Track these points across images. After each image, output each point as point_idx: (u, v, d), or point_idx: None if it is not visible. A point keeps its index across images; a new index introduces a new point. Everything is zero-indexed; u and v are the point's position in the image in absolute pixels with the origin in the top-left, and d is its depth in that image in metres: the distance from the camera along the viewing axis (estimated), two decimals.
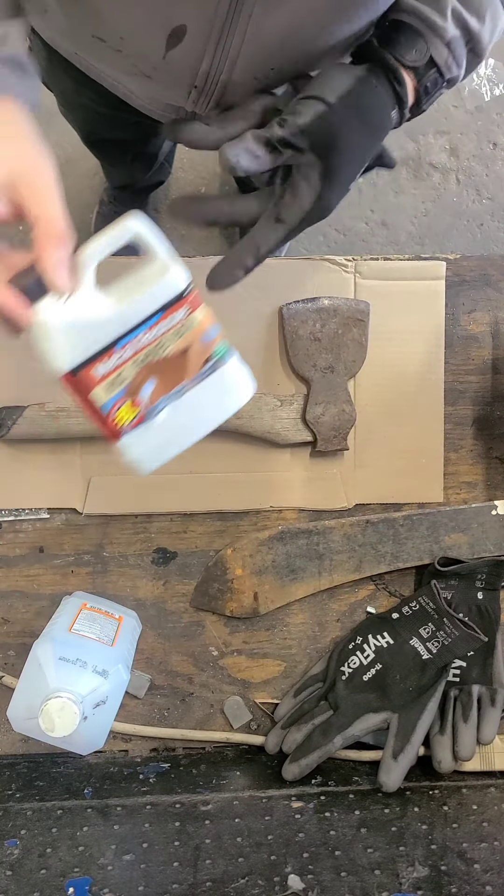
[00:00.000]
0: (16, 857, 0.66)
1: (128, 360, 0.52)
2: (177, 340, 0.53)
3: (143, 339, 0.52)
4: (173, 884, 0.63)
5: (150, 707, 0.81)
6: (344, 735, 0.75)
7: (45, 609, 0.80)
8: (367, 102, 0.54)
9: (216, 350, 0.54)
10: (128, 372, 0.52)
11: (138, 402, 0.53)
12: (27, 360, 0.79)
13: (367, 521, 0.81)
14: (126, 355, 0.52)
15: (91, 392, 0.52)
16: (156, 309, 0.51)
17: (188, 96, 0.62)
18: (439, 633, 0.76)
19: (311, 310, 0.79)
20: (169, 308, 0.51)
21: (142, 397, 0.53)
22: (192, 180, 1.56)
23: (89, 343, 0.50)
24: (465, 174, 1.62)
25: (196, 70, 0.57)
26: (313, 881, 0.64)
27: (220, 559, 0.81)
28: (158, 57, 0.56)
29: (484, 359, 0.84)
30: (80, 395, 0.52)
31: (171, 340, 0.52)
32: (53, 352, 0.50)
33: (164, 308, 0.51)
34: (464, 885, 0.63)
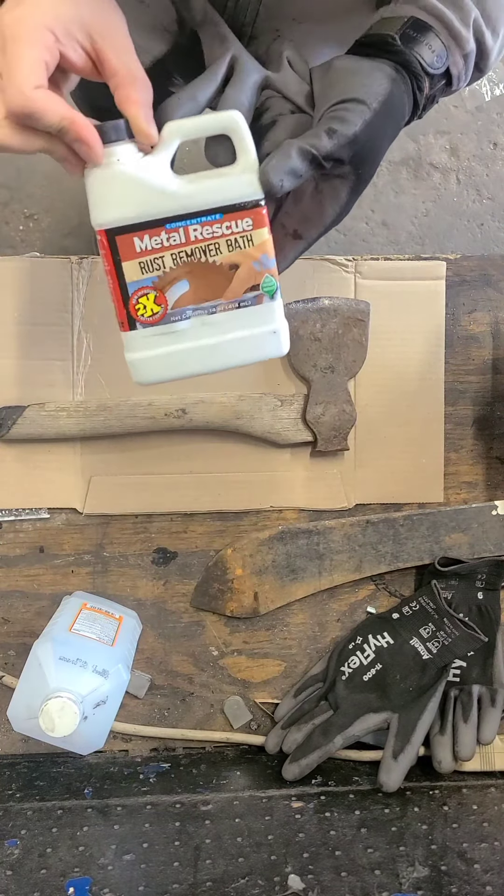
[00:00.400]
0: (16, 857, 0.66)
1: (173, 248, 0.48)
2: (229, 252, 0.48)
3: (196, 233, 0.48)
4: (173, 884, 0.63)
5: (151, 707, 0.81)
6: (344, 735, 0.75)
7: (46, 609, 0.80)
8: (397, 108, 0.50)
9: (265, 281, 0.49)
10: (168, 261, 0.48)
11: (164, 300, 0.49)
12: (27, 360, 0.79)
13: (368, 521, 0.80)
14: (173, 241, 0.48)
15: (124, 262, 0.48)
16: (221, 205, 0.47)
17: None
18: (439, 633, 0.76)
19: (311, 310, 0.79)
20: (234, 211, 0.47)
21: (170, 296, 0.49)
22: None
23: (144, 208, 0.47)
24: (466, 174, 1.62)
25: None
26: (313, 881, 0.64)
27: (221, 559, 0.80)
28: None
29: (484, 359, 0.84)
30: (111, 260, 0.48)
31: (223, 248, 0.48)
32: (106, 200, 0.47)
33: (230, 209, 0.47)
34: (464, 886, 0.63)
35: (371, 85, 0.48)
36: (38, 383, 0.79)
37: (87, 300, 0.79)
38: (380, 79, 0.48)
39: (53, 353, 0.79)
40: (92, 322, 0.79)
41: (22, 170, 1.50)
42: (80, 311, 0.79)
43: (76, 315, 0.79)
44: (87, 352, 0.79)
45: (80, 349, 0.79)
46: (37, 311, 0.78)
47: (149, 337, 0.50)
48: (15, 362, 0.79)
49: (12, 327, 0.78)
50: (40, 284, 0.78)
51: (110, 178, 0.46)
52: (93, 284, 0.78)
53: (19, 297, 0.78)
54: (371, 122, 0.47)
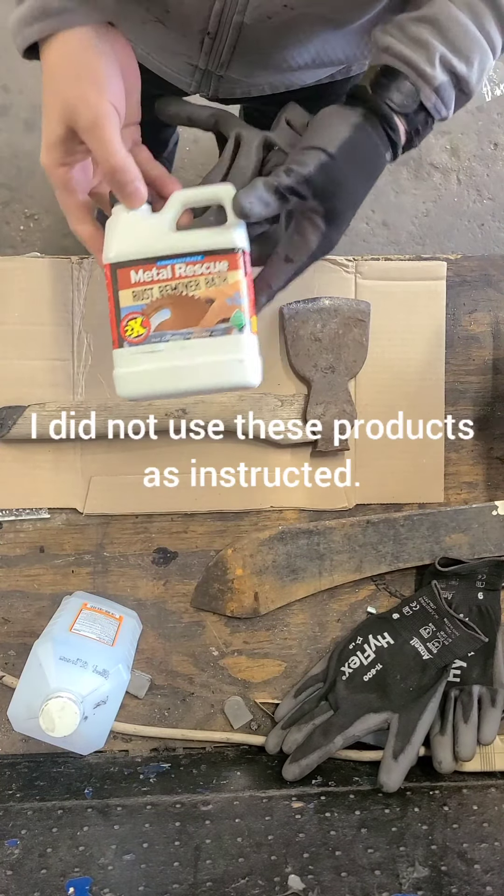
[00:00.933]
0: (16, 857, 0.66)
1: (161, 281, 0.57)
2: (206, 288, 0.56)
3: (181, 270, 0.56)
4: (173, 884, 0.63)
5: (151, 707, 0.81)
6: (344, 735, 0.75)
7: (46, 609, 0.80)
8: (363, 150, 0.57)
9: (235, 315, 0.56)
10: (155, 292, 0.57)
11: (148, 324, 0.57)
12: (28, 360, 0.79)
13: (368, 521, 0.80)
14: (162, 276, 0.57)
15: (120, 290, 0.57)
16: (203, 250, 0.56)
17: (201, 46, 0.64)
18: (440, 634, 0.76)
19: (311, 310, 0.79)
20: (214, 255, 0.56)
21: (153, 321, 0.57)
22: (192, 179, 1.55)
23: (139, 248, 0.57)
24: (466, 174, 1.62)
25: (209, 11, 0.59)
26: (313, 881, 0.64)
27: (221, 559, 0.81)
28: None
29: (484, 359, 0.84)
30: (111, 289, 0.57)
31: (202, 285, 0.56)
32: (116, 241, 0.57)
33: (210, 253, 0.56)
34: (464, 886, 0.63)
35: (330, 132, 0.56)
36: (39, 383, 0.79)
37: (88, 300, 0.79)
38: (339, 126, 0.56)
39: (54, 353, 0.79)
40: (92, 322, 0.79)
41: (22, 170, 1.50)
42: (80, 311, 0.79)
43: (76, 315, 0.79)
44: (87, 352, 0.79)
45: (80, 349, 0.79)
46: (37, 311, 0.79)
47: (133, 354, 0.57)
48: (15, 362, 0.79)
49: (13, 327, 0.78)
50: (41, 284, 0.78)
51: (124, 225, 0.57)
52: (93, 285, 0.79)
53: (20, 296, 0.78)
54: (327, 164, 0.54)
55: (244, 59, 0.66)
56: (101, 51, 0.54)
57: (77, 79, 0.53)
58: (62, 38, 0.54)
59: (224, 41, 0.63)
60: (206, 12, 0.60)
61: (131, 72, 0.57)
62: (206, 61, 0.67)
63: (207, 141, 1.54)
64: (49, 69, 0.55)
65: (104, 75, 0.53)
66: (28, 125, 1.50)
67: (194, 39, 0.64)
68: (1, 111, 1.50)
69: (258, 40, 0.63)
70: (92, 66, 0.53)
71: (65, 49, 0.54)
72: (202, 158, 1.55)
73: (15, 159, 1.49)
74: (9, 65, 1.49)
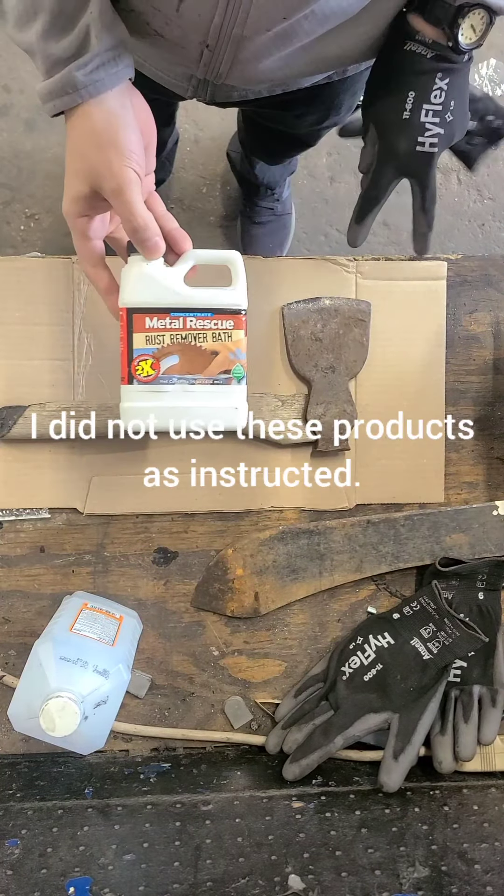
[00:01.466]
0: (16, 857, 0.66)
1: (172, 330, 0.64)
2: (213, 341, 0.65)
3: (191, 323, 0.64)
4: (174, 883, 0.63)
5: (151, 707, 0.81)
6: (345, 735, 0.75)
7: (46, 609, 0.80)
8: None
9: (235, 369, 0.65)
10: (167, 339, 0.64)
11: (158, 367, 0.64)
12: (28, 360, 0.79)
13: (368, 521, 0.80)
14: (174, 325, 0.64)
15: (135, 333, 0.64)
16: (213, 307, 0.64)
17: (200, 58, 0.65)
18: (440, 634, 0.76)
19: (312, 310, 0.79)
20: (221, 314, 0.64)
21: (163, 364, 0.65)
22: (193, 180, 1.56)
23: (155, 298, 0.64)
24: (467, 174, 1.62)
25: (208, 24, 0.60)
26: (314, 881, 0.64)
27: (221, 559, 0.81)
28: (172, 9, 0.59)
29: (485, 359, 0.84)
30: (126, 330, 0.64)
31: (209, 338, 0.64)
32: (133, 288, 0.63)
33: (219, 311, 0.64)
34: (464, 886, 0.63)
35: None
36: (39, 383, 0.79)
37: (88, 300, 0.79)
38: None
39: (54, 353, 0.79)
40: (93, 322, 0.79)
41: (23, 170, 1.50)
42: (80, 311, 0.79)
43: (77, 315, 0.79)
44: (87, 352, 0.79)
45: (80, 349, 0.79)
46: (38, 310, 0.79)
47: (141, 392, 0.65)
48: (16, 362, 0.79)
49: (13, 327, 0.78)
50: (41, 284, 0.78)
51: (141, 274, 0.63)
52: None
53: (20, 296, 0.78)
54: None
55: (242, 69, 0.66)
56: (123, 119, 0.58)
57: (101, 148, 0.57)
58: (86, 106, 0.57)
59: (223, 53, 0.63)
60: (206, 26, 0.60)
61: (148, 129, 0.62)
62: (204, 72, 0.67)
63: (208, 141, 1.54)
64: (75, 134, 0.59)
65: (126, 143, 0.57)
66: (29, 125, 1.50)
67: (193, 52, 0.64)
68: (1, 111, 1.50)
69: (257, 52, 0.63)
70: (116, 136, 0.57)
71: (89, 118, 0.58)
72: (202, 158, 1.55)
73: (15, 159, 1.49)
74: (10, 65, 1.49)
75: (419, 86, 0.68)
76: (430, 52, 0.65)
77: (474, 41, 0.64)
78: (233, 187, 1.54)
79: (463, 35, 0.63)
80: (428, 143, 0.70)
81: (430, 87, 0.67)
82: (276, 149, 1.24)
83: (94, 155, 0.57)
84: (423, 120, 0.69)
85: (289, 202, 1.49)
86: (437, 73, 0.67)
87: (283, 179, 1.41)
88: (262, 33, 0.60)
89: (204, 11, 0.58)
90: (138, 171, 0.58)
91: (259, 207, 1.44)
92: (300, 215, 1.54)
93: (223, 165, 1.53)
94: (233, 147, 1.42)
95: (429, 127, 0.69)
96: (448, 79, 0.67)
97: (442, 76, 0.67)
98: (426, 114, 0.69)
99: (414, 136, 0.70)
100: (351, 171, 1.57)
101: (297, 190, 1.55)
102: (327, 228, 1.56)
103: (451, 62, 0.66)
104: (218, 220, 1.56)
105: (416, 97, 0.68)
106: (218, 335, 0.64)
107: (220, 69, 0.66)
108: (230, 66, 0.65)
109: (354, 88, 0.85)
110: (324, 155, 1.57)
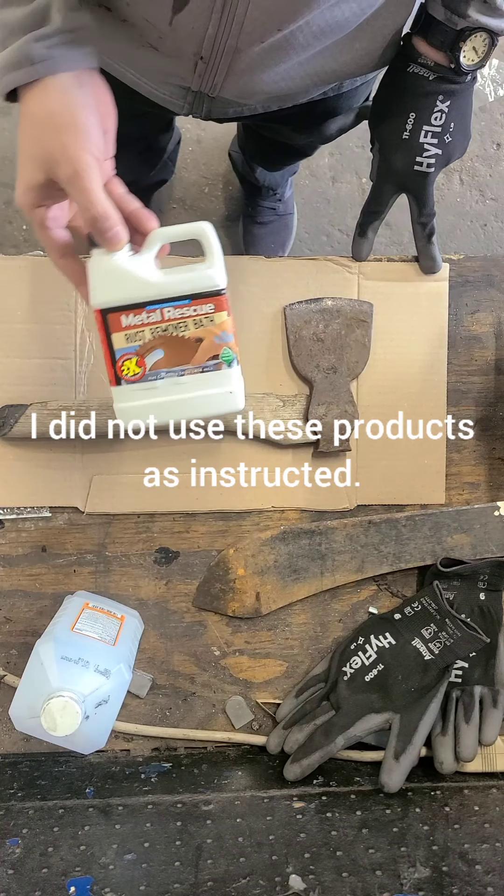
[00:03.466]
0: (17, 856, 0.66)
1: (151, 324, 0.60)
2: (195, 328, 0.61)
3: (170, 314, 0.60)
4: (175, 883, 0.63)
5: (152, 707, 0.81)
6: (346, 735, 0.75)
7: (48, 608, 0.80)
8: None
9: (224, 352, 0.62)
10: (147, 334, 0.60)
11: (143, 364, 0.61)
12: (30, 359, 0.79)
13: (370, 521, 0.80)
14: (152, 319, 0.60)
15: (113, 333, 0.60)
16: (189, 293, 0.60)
17: (194, 69, 0.64)
18: (441, 634, 0.75)
19: (314, 310, 0.79)
20: (200, 298, 0.60)
21: (148, 360, 0.61)
22: (195, 180, 1.56)
23: (130, 294, 0.59)
24: (469, 175, 1.62)
25: (202, 36, 0.59)
26: (314, 881, 0.64)
27: (223, 559, 0.81)
28: (165, 23, 0.58)
29: (487, 359, 0.84)
30: (104, 332, 0.61)
31: (190, 326, 0.60)
32: (103, 286, 0.59)
33: (197, 296, 0.60)
34: (465, 887, 0.63)
35: None
36: (41, 382, 0.79)
37: None
38: None
39: (56, 352, 0.79)
40: (94, 321, 0.79)
41: None
42: (82, 310, 0.79)
43: (79, 314, 0.79)
44: (89, 351, 0.79)
45: (82, 348, 0.79)
46: (39, 310, 0.79)
47: (131, 391, 0.62)
48: (17, 361, 0.79)
49: (15, 326, 0.79)
50: (43, 283, 0.78)
51: (107, 269, 0.58)
52: None
53: (22, 296, 0.78)
54: None
55: (238, 81, 0.66)
56: (82, 100, 0.54)
57: (57, 130, 0.53)
58: (42, 85, 0.54)
59: (217, 65, 0.63)
60: (200, 37, 0.59)
61: (109, 113, 0.57)
62: (199, 83, 0.67)
63: (210, 141, 1.54)
64: (29, 116, 0.55)
65: (84, 126, 0.53)
66: None
67: (188, 63, 0.64)
68: (3, 111, 1.50)
69: (251, 63, 0.63)
70: (73, 118, 0.53)
71: (45, 98, 0.54)
72: (205, 158, 1.55)
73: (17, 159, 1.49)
74: None
75: (420, 108, 0.69)
76: (433, 74, 0.67)
77: (476, 62, 0.66)
78: (235, 187, 1.54)
79: (465, 57, 0.65)
80: (426, 163, 0.72)
81: (430, 109, 0.69)
82: (274, 157, 1.25)
83: (49, 138, 0.53)
84: (421, 140, 0.71)
85: (291, 202, 1.49)
86: (438, 96, 0.68)
87: (285, 180, 1.41)
88: (257, 45, 0.60)
89: (197, 24, 0.58)
90: (97, 154, 0.54)
91: (261, 207, 1.44)
92: (302, 215, 1.54)
93: (225, 165, 1.53)
94: (234, 147, 1.42)
95: (427, 148, 0.71)
96: (449, 101, 0.69)
97: (443, 99, 0.69)
98: (425, 135, 0.71)
99: (412, 156, 0.72)
100: (353, 171, 1.57)
101: (299, 190, 1.55)
102: (329, 228, 1.56)
103: (454, 83, 0.67)
104: (220, 220, 1.56)
105: (416, 118, 0.70)
106: (199, 321, 0.60)
107: (214, 81, 0.66)
108: (224, 77, 0.65)
109: (350, 104, 0.86)
110: (326, 155, 1.57)
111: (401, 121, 0.70)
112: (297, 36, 0.59)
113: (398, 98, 0.70)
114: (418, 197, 0.75)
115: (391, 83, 0.71)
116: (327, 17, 0.58)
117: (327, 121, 0.90)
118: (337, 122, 0.91)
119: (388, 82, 0.71)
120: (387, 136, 0.72)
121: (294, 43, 0.60)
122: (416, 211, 0.77)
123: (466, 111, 0.71)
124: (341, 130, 0.94)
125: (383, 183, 0.75)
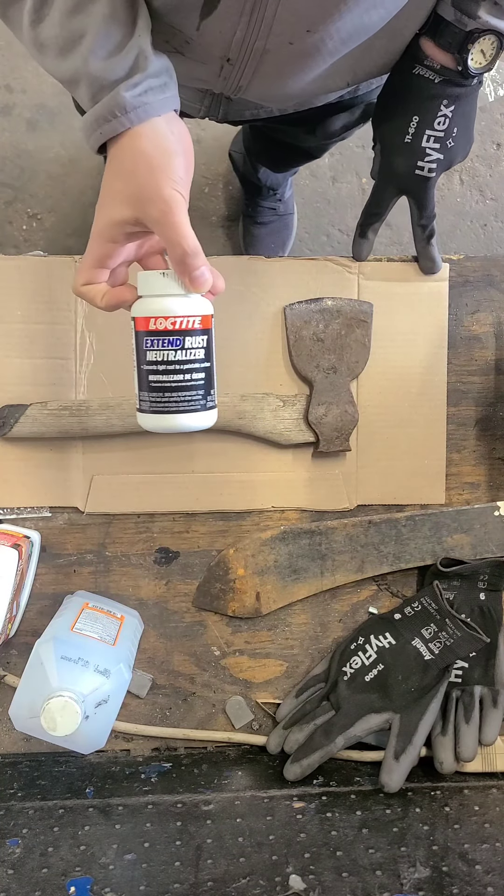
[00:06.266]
0: (17, 856, 0.66)
1: None
2: None
3: None
4: (175, 883, 0.63)
5: (152, 707, 0.81)
6: (346, 735, 0.75)
7: (47, 608, 0.80)
8: None
9: None
10: None
11: None
12: (30, 359, 0.79)
13: (370, 521, 0.80)
14: None
15: None
16: None
17: (220, 72, 0.64)
18: (441, 634, 0.75)
19: (314, 310, 0.79)
20: None
21: None
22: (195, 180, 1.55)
23: None
24: (469, 175, 1.62)
25: (230, 39, 0.59)
26: (314, 881, 0.64)
27: (223, 559, 0.81)
28: (192, 28, 0.58)
29: (487, 359, 0.84)
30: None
31: None
32: None
33: None
34: (465, 887, 0.63)
35: None
36: (41, 382, 0.79)
37: None
38: None
39: (56, 352, 0.79)
40: (95, 321, 0.79)
41: (25, 170, 1.50)
42: (82, 310, 0.79)
43: (79, 314, 0.79)
44: (89, 351, 0.79)
45: (82, 348, 0.79)
46: (40, 310, 0.79)
47: None
48: (18, 361, 0.79)
49: (15, 326, 0.79)
50: (44, 284, 0.78)
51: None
52: None
53: (22, 296, 0.78)
54: None
55: (263, 83, 0.66)
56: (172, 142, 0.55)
57: (151, 171, 0.54)
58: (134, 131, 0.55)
59: (244, 67, 0.62)
60: (228, 40, 0.59)
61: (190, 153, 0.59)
62: (223, 86, 0.67)
63: (210, 141, 1.54)
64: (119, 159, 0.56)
65: (175, 167, 0.55)
66: (31, 125, 1.50)
67: (213, 66, 0.64)
68: (4, 111, 1.50)
69: (278, 65, 0.62)
70: (166, 159, 0.55)
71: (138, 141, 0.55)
72: (204, 158, 1.55)
73: (18, 159, 1.49)
74: (12, 64, 1.49)
75: (423, 111, 0.69)
76: (438, 76, 0.66)
77: (484, 66, 0.65)
78: (235, 187, 1.54)
79: (472, 60, 0.64)
80: (427, 167, 0.72)
81: (434, 113, 0.68)
82: (281, 159, 1.25)
83: (144, 178, 0.54)
84: (424, 145, 0.70)
85: (291, 202, 1.49)
86: (443, 100, 0.68)
87: (286, 180, 1.41)
88: (285, 46, 0.59)
89: (225, 28, 0.57)
90: (185, 194, 0.56)
91: (261, 207, 1.44)
92: (302, 215, 1.54)
93: (225, 165, 1.53)
94: (235, 147, 1.42)
95: (429, 152, 0.71)
96: (454, 106, 0.68)
97: (447, 103, 0.68)
98: (428, 139, 0.70)
99: (413, 160, 0.71)
100: (353, 172, 1.57)
101: (300, 190, 1.55)
102: (329, 229, 1.56)
103: (460, 86, 0.66)
104: (220, 220, 1.56)
105: (419, 122, 0.69)
106: None
107: (239, 83, 0.65)
108: (250, 79, 0.65)
109: (364, 105, 0.86)
110: (326, 155, 1.56)
111: (403, 124, 0.70)
112: (325, 42, 0.59)
113: (402, 100, 0.69)
114: (419, 200, 0.75)
115: (396, 84, 0.70)
116: (356, 22, 0.58)
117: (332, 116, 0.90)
118: (342, 119, 0.90)
119: (393, 83, 0.71)
120: (389, 139, 0.72)
121: (322, 49, 0.60)
122: (416, 213, 0.76)
123: (470, 116, 0.70)
124: (346, 128, 0.93)
125: (384, 185, 0.75)
